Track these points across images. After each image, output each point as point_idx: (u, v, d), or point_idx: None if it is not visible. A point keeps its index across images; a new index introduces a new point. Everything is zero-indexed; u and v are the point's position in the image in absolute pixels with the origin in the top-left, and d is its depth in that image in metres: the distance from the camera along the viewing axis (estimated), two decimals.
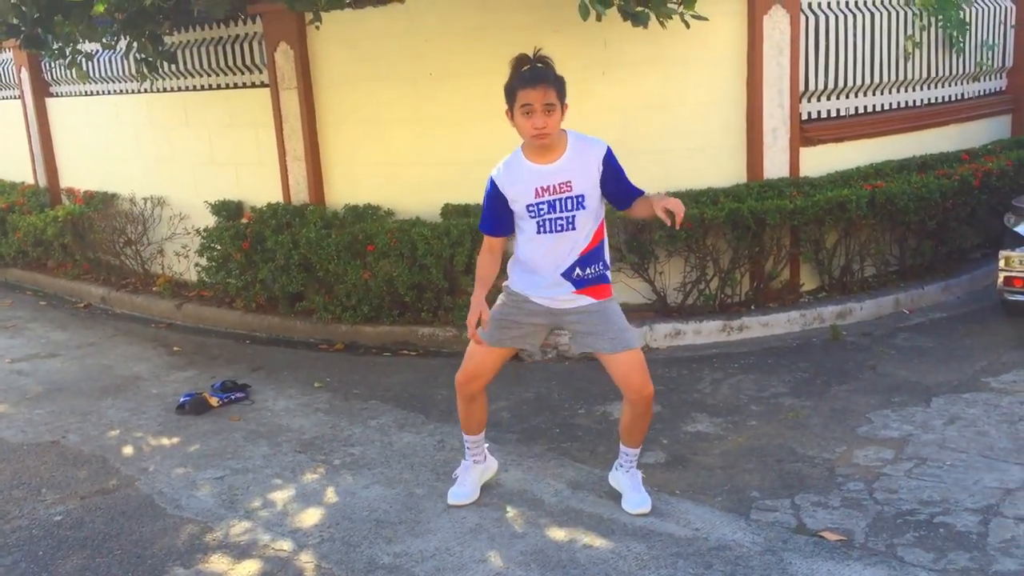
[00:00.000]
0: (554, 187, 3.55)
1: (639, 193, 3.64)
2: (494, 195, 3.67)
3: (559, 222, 3.58)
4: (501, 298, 3.81)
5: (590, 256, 3.65)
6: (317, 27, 5.85)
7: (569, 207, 3.57)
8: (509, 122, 3.57)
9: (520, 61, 3.53)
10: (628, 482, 3.90)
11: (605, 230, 3.72)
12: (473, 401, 3.89)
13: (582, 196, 3.56)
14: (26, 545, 3.85)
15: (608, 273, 3.75)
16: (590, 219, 3.61)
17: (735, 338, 5.99)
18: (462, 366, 3.86)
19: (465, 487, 4.00)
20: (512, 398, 5.22)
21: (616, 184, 3.61)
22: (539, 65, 3.52)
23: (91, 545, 3.81)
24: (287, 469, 4.47)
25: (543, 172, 3.56)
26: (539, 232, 3.60)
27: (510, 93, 3.51)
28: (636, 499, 3.84)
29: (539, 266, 3.66)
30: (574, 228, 3.59)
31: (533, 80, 3.45)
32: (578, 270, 3.63)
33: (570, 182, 3.55)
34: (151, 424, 5.18)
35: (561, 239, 3.60)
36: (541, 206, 3.57)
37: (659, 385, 5.26)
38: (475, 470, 4.05)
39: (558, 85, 3.50)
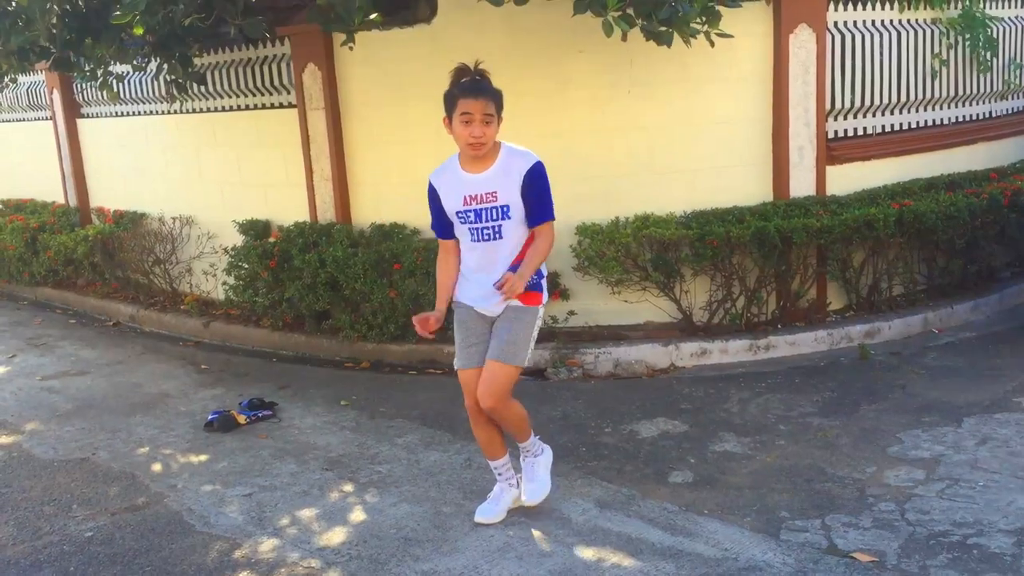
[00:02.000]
0: (481, 196, 3.67)
1: (538, 222, 3.68)
2: (433, 197, 3.80)
3: (486, 231, 3.69)
4: (456, 321, 3.88)
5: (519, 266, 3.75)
6: (351, 48, 5.90)
7: (495, 216, 3.68)
8: (446, 129, 3.69)
9: (461, 72, 3.67)
10: (524, 473, 4.02)
11: None
12: (489, 423, 3.93)
13: (507, 207, 3.66)
14: (57, 561, 3.88)
15: (542, 282, 3.82)
16: (518, 229, 3.71)
17: (762, 357, 5.96)
18: (465, 395, 3.91)
19: (497, 506, 4.01)
20: (538, 417, 5.21)
21: (526, 201, 3.67)
22: (478, 78, 3.65)
23: (121, 561, 3.84)
24: (314, 486, 4.48)
25: (472, 181, 3.68)
26: (473, 240, 3.73)
27: (450, 101, 3.63)
28: (529, 488, 3.97)
29: (476, 275, 3.78)
30: (501, 237, 3.69)
31: (474, 91, 3.59)
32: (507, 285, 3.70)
33: (496, 192, 3.66)
34: (180, 441, 5.21)
35: (492, 248, 3.71)
36: (468, 214, 3.69)
37: (685, 404, 5.26)
38: (510, 493, 4.05)
39: (497, 98, 3.65)
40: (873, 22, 6.62)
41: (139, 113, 8.63)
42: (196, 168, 8.04)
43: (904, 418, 4.87)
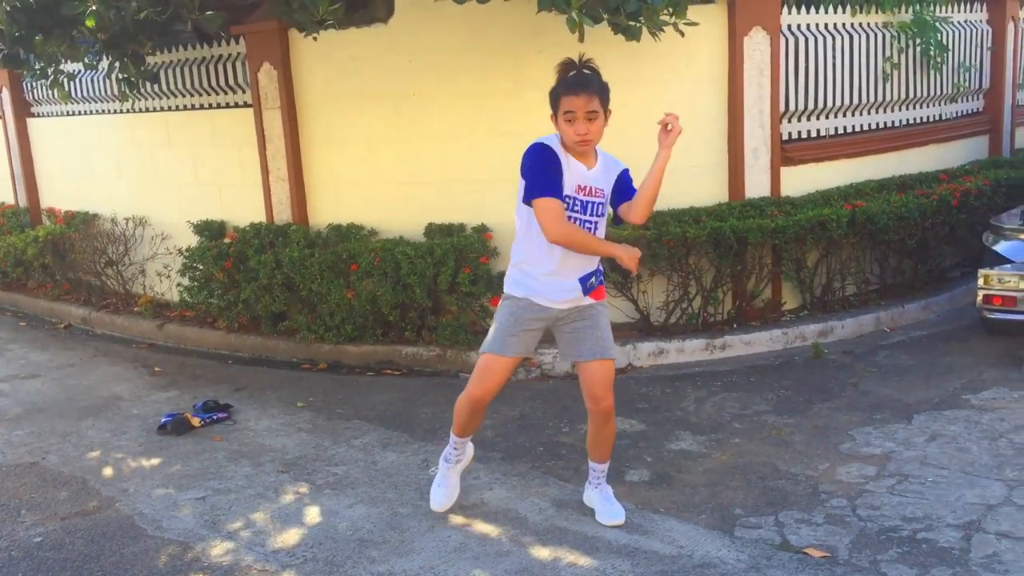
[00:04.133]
0: (591, 189, 3.61)
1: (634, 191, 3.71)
2: (555, 159, 3.52)
3: (587, 224, 3.62)
4: (504, 308, 3.78)
5: (599, 269, 3.77)
6: (315, 38, 5.86)
7: (598, 212, 3.65)
8: (554, 126, 3.60)
9: (566, 67, 3.55)
10: (599, 496, 3.96)
11: None
12: (481, 411, 3.91)
13: (604, 205, 3.67)
14: (5, 567, 3.80)
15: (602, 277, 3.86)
16: (603, 230, 3.72)
17: (718, 356, 6.01)
18: (480, 382, 3.78)
19: (448, 488, 4.05)
20: (497, 417, 5.21)
21: (624, 194, 3.68)
22: (585, 72, 3.53)
23: (71, 567, 3.77)
24: (270, 489, 4.44)
25: (585, 173, 3.61)
26: None
27: (554, 99, 3.55)
28: (609, 511, 3.90)
29: (556, 266, 3.64)
30: (596, 233, 3.67)
31: (576, 87, 3.49)
32: (592, 279, 3.73)
33: (603, 190, 3.64)
34: (132, 445, 5.13)
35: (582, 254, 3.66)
36: (576, 202, 3.59)
37: (642, 403, 5.29)
38: (456, 471, 4.09)
39: (602, 92, 3.53)
40: (826, 25, 6.71)
41: (91, 112, 8.50)
42: (150, 168, 7.93)
43: (856, 416, 4.94)
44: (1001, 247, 5.81)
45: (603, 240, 3.67)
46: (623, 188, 3.70)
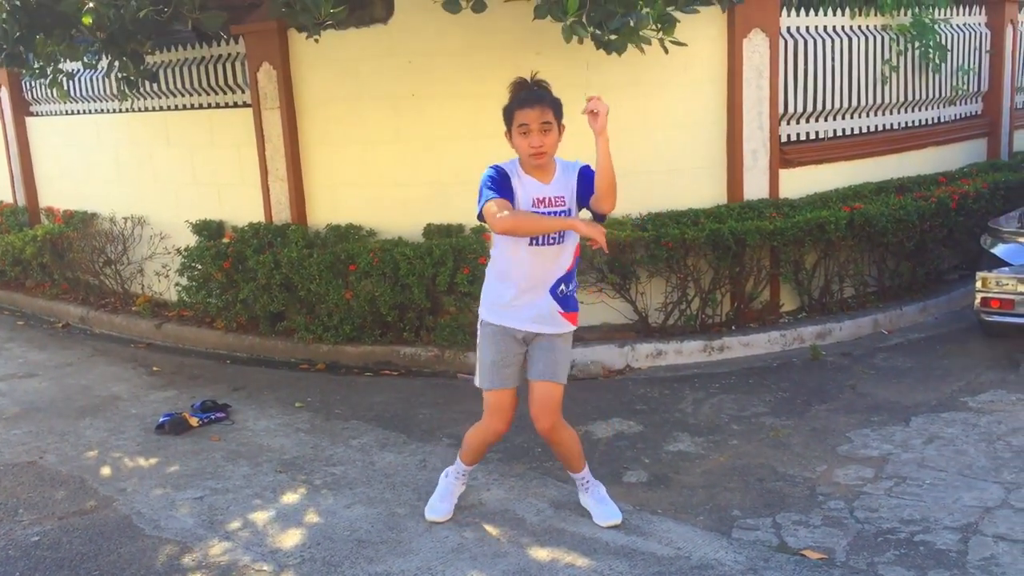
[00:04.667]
0: (549, 199, 3.66)
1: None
2: (503, 176, 3.63)
3: (551, 237, 3.67)
4: (485, 338, 3.83)
5: (571, 274, 3.79)
6: (316, 40, 5.87)
7: None
8: (509, 144, 3.68)
9: (519, 85, 3.66)
10: (592, 499, 3.99)
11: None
12: (496, 442, 4.01)
13: (570, 211, 3.70)
14: (2, 566, 3.80)
15: (576, 297, 3.86)
16: (573, 237, 3.73)
17: (716, 358, 6.01)
18: (501, 417, 3.85)
19: (447, 504, 4.05)
20: None
21: (585, 191, 3.67)
22: (536, 88, 3.65)
23: (68, 566, 3.77)
24: (268, 489, 4.44)
25: (541, 187, 3.67)
26: (531, 243, 3.67)
27: (508, 115, 3.64)
28: (605, 512, 3.92)
29: (526, 283, 3.71)
30: (562, 242, 3.70)
31: (530, 101, 3.59)
32: (562, 286, 3.74)
33: (563, 197, 3.68)
34: (130, 444, 5.13)
35: (550, 252, 3.69)
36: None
37: (640, 404, 5.29)
38: (459, 486, 4.10)
39: (555, 106, 3.63)
40: (825, 28, 6.73)
41: (90, 112, 8.50)
42: (149, 167, 7.93)
43: (854, 418, 4.94)
44: (999, 250, 5.82)
45: (555, 217, 3.63)
46: (587, 183, 3.69)
